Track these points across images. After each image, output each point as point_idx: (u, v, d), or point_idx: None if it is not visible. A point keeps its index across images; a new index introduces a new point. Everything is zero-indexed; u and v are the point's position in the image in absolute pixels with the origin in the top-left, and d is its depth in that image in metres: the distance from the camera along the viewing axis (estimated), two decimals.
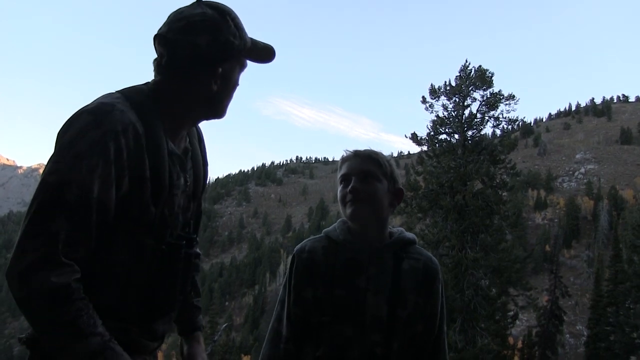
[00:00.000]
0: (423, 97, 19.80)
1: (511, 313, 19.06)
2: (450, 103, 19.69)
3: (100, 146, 1.04)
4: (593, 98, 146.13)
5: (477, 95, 19.52)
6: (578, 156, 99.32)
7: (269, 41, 1.30)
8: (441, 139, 19.64)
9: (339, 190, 1.48)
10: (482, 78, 19.25)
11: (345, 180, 1.48)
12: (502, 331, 18.25)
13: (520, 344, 30.58)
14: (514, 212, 20.12)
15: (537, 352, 27.43)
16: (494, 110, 19.26)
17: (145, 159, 1.13)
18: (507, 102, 19.15)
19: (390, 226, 1.53)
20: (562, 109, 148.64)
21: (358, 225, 1.47)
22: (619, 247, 28.37)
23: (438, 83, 20.02)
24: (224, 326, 19.19)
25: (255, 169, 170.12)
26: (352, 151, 1.51)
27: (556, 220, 73.89)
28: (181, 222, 1.29)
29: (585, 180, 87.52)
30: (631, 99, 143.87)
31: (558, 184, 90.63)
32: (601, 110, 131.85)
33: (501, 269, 17.15)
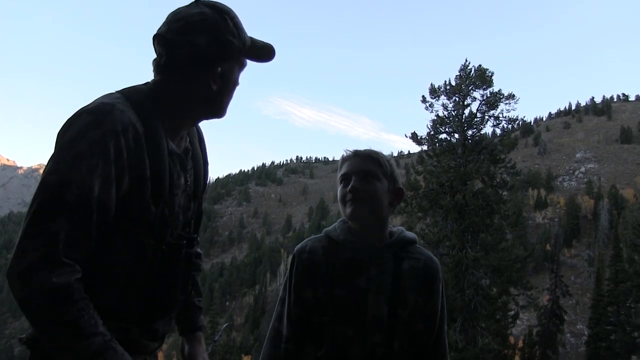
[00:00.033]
0: (423, 97, 19.81)
1: (512, 312, 19.03)
2: (450, 102, 19.71)
3: (100, 146, 1.04)
4: (593, 97, 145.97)
5: (477, 94, 19.56)
6: (578, 155, 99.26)
7: (269, 41, 1.29)
8: (441, 139, 19.65)
9: (339, 189, 1.48)
10: (482, 77, 19.25)
11: (345, 179, 1.47)
12: (503, 330, 18.23)
13: (521, 344, 30.56)
14: (514, 212, 20.12)
15: (538, 352, 27.43)
16: (494, 109, 19.27)
17: (145, 159, 1.13)
18: (507, 102, 19.17)
19: (390, 225, 1.52)
20: (562, 108, 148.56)
21: (358, 224, 1.46)
22: (620, 246, 28.36)
23: (438, 82, 20.11)
24: (225, 326, 19.21)
25: (255, 169, 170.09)
26: (352, 151, 1.51)
27: (556, 219, 73.84)
28: (182, 222, 1.29)
29: (585, 179, 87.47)
30: (631, 98, 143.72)
31: (558, 183, 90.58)
32: (601, 109, 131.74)
33: (502, 269, 17.14)
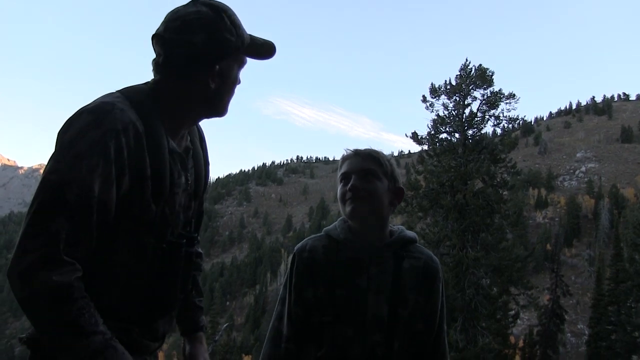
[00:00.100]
0: (423, 96, 19.81)
1: (512, 312, 19.03)
2: (450, 102, 19.71)
3: (100, 146, 1.04)
4: (593, 96, 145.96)
5: (478, 94, 19.55)
6: (579, 155, 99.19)
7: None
8: (442, 138, 19.65)
9: (339, 188, 1.47)
10: (483, 77, 19.25)
11: (345, 178, 1.47)
12: (503, 330, 18.23)
13: (521, 343, 30.59)
14: (515, 211, 20.10)
15: (539, 351, 27.45)
16: (495, 109, 19.26)
17: (146, 158, 1.13)
18: (508, 101, 19.16)
19: (390, 225, 1.52)
20: (563, 108, 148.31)
21: (357, 223, 1.46)
22: (620, 246, 28.34)
23: (438, 82, 20.08)
24: (225, 326, 19.19)
25: (255, 169, 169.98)
26: (353, 150, 1.51)
27: (557, 219, 73.78)
28: (182, 221, 1.29)
29: (586, 178, 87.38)
30: (632, 98, 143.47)
31: (559, 183, 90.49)
32: (602, 108, 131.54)
33: (502, 268, 17.14)
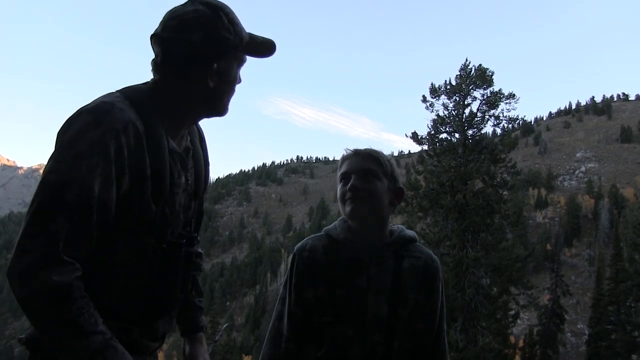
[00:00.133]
0: (423, 96, 19.80)
1: (512, 312, 19.02)
2: (450, 102, 19.69)
3: (100, 145, 1.04)
4: (593, 96, 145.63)
5: (478, 94, 19.53)
6: (578, 155, 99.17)
7: None
8: (442, 138, 19.64)
9: (339, 188, 1.47)
10: (483, 77, 19.24)
11: (345, 178, 1.47)
12: (504, 330, 18.23)
13: (521, 343, 30.60)
14: (515, 211, 20.07)
15: (539, 351, 27.46)
16: (495, 109, 19.25)
17: (146, 157, 1.13)
18: (508, 101, 19.14)
19: (390, 224, 1.52)
20: (563, 108, 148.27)
21: (357, 223, 1.46)
22: (620, 246, 28.31)
23: (438, 82, 20.07)
24: (225, 326, 19.21)
25: (255, 169, 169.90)
26: (353, 150, 1.51)
27: (557, 219, 73.76)
28: (182, 221, 1.29)
29: (585, 178, 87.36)
30: (631, 97, 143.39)
31: (559, 183, 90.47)
32: (601, 108, 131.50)
33: (502, 268, 17.13)
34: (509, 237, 19.44)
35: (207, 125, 1.39)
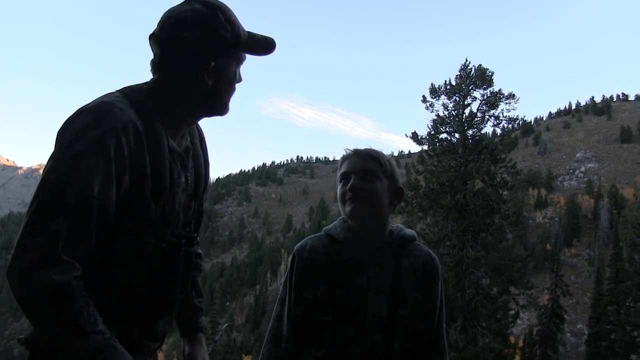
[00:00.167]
0: (423, 97, 19.81)
1: (512, 312, 19.03)
2: (450, 102, 19.71)
3: (99, 145, 1.04)
4: (593, 97, 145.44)
5: (478, 94, 19.56)
6: (578, 155, 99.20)
7: None
8: (442, 138, 19.66)
9: (339, 188, 1.47)
10: (482, 77, 19.26)
11: (345, 178, 1.47)
12: (503, 330, 18.23)
13: (521, 343, 30.57)
14: (515, 211, 20.08)
15: (538, 351, 27.45)
16: (494, 109, 19.27)
17: (145, 157, 1.13)
18: (507, 101, 19.17)
19: (389, 224, 1.52)
20: (562, 108, 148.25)
21: (357, 223, 1.46)
22: (620, 246, 28.31)
23: (438, 82, 20.08)
24: (225, 326, 19.22)
25: (255, 169, 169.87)
26: (353, 150, 1.51)
27: (557, 219, 73.77)
28: (182, 221, 1.29)
29: (585, 178, 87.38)
30: (631, 98, 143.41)
31: (558, 183, 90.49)
32: (601, 108, 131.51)
33: (502, 268, 17.14)
34: (509, 237, 19.45)
35: (207, 125, 1.39)
